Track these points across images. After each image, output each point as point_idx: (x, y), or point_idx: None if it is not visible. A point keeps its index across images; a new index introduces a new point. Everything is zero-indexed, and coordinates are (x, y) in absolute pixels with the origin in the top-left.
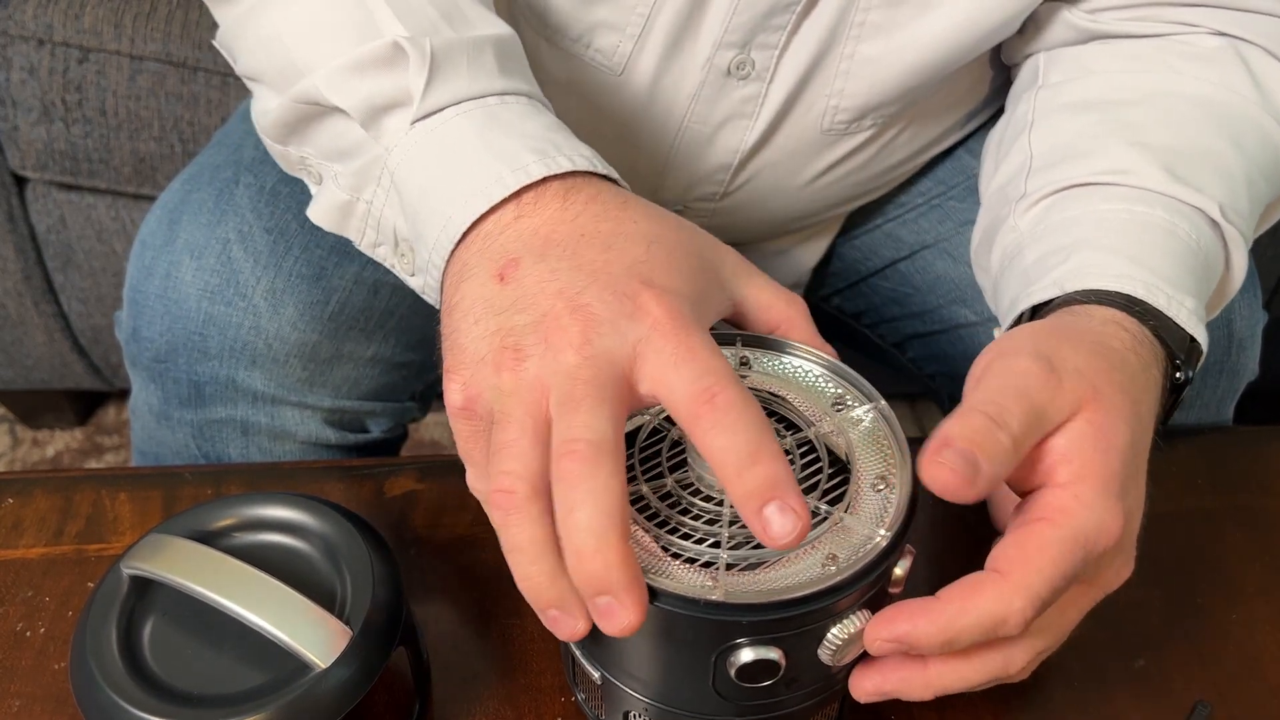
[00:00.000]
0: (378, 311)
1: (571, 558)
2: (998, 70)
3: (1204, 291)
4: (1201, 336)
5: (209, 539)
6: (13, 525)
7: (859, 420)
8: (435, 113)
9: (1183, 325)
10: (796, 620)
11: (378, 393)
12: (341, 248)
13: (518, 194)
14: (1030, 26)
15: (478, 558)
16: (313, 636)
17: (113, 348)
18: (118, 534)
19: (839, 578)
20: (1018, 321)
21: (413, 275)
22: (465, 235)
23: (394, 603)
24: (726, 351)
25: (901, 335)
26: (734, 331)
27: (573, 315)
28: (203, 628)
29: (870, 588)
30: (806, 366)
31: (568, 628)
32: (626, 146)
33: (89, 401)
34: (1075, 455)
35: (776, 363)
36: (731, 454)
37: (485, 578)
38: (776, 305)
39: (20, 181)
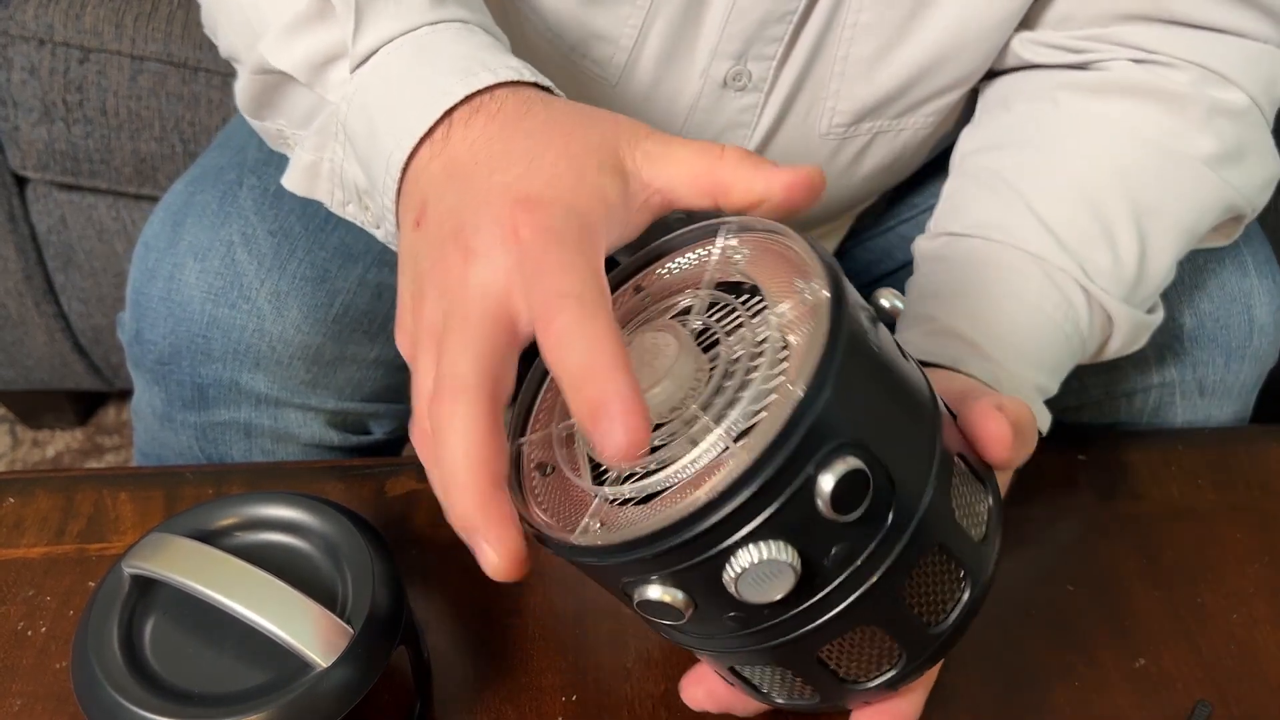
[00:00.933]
0: (381, 314)
1: (442, 500)
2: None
3: (1061, 363)
4: (1044, 423)
5: (210, 538)
6: (14, 524)
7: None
8: (369, 56)
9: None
10: (665, 557)
11: (381, 395)
12: (345, 250)
13: (447, 118)
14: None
15: None
16: (314, 636)
17: (113, 348)
18: (119, 533)
19: (690, 509)
20: None
21: (377, 227)
22: (404, 174)
23: (395, 602)
24: (709, 246)
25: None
26: (716, 220)
27: (458, 253)
28: (204, 627)
29: (756, 512)
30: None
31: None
32: None
33: (89, 402)
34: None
35: (747, 250)
36: (566, 375)
37: (486, 577)
38: (701, 173)
39: (21, 181)
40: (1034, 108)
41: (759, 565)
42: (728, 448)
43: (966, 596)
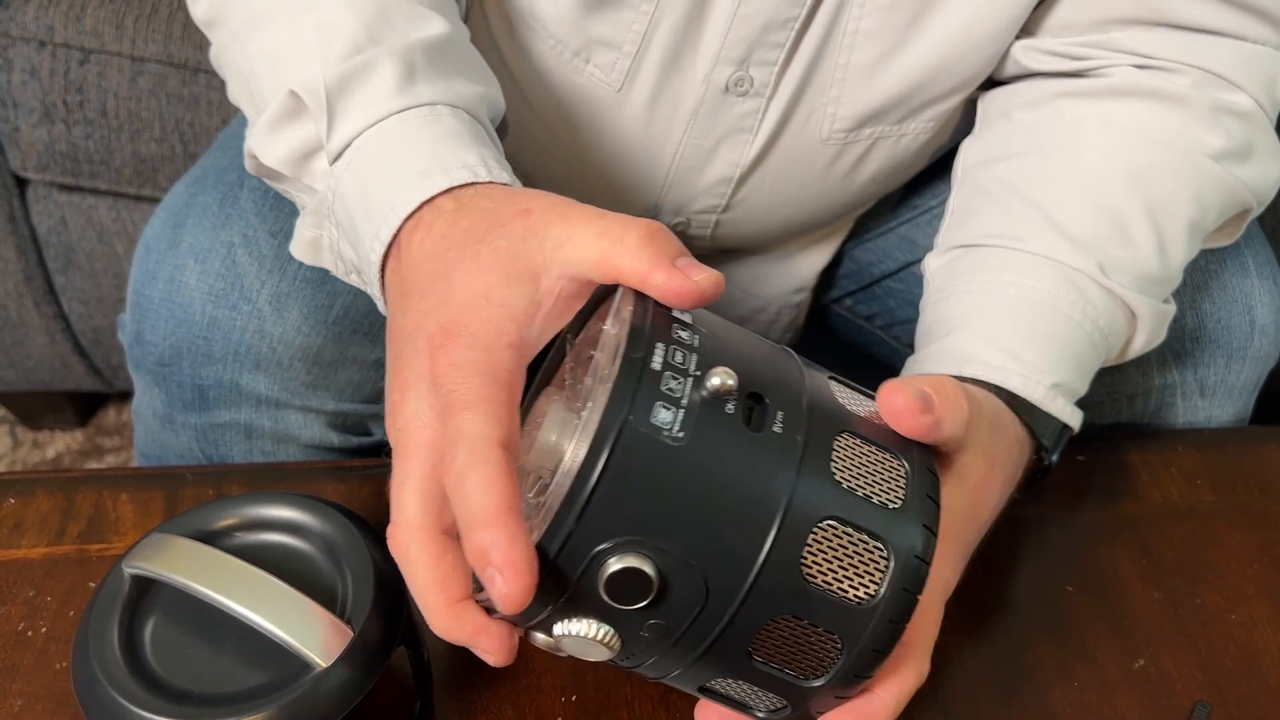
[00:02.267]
0: (381, 316)
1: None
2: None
3: (1084, 361)
4: (1075, 422)
5: (210, 539)
6: (14, 525)
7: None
8: (343, 151)
9: (1056, 415)
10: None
11: (381, 396)
12: None
13: (403, 226)
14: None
15: None
16: (314, 636)
17: (113, 349)
18: (119, 534)
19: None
20: None
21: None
22: (383, 271)
23: (395, 602)
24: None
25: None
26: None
27: (398, 382)
28: (204, 627)
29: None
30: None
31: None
32: (626, 162)
33: (89, 403)
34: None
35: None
36: (459, 517)
37: None
38: (602, 258)
39: (21, 183)
40: (1036, 116)
41: (572, 639)
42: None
43: (892, 566)
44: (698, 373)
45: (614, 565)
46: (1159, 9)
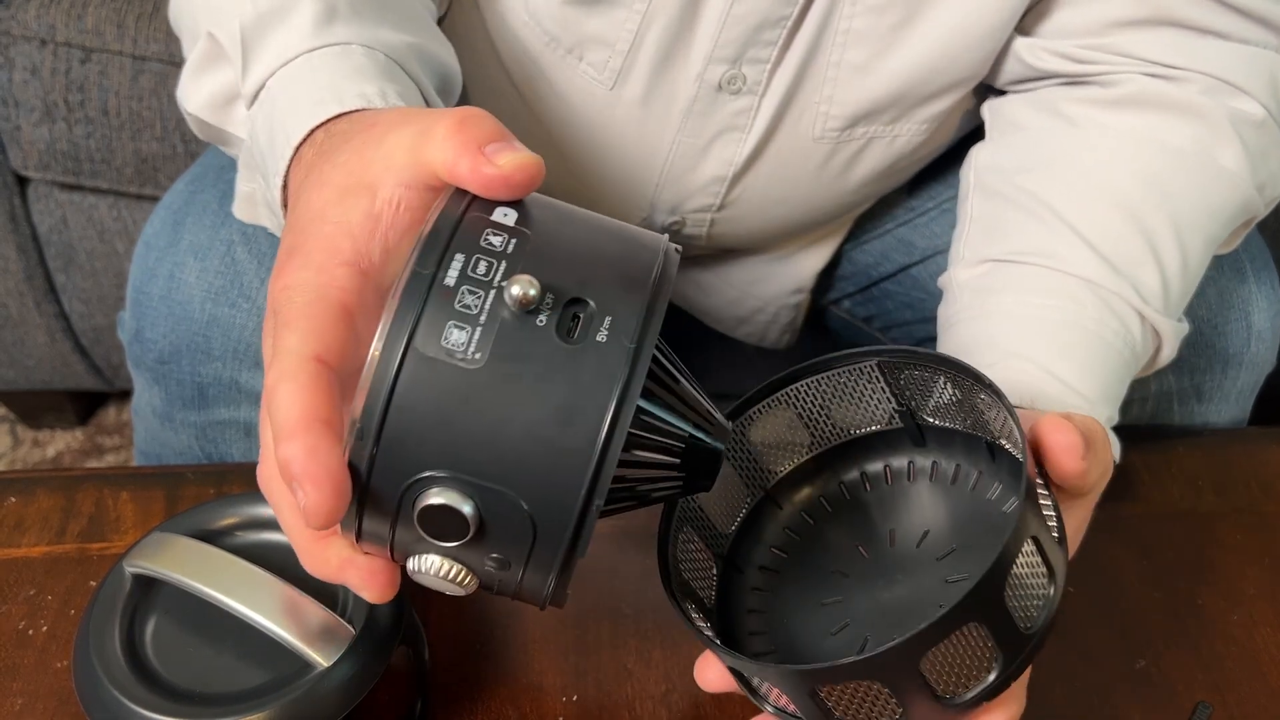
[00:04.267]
0: None
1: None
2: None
3: (1122, 390)
4: (1116, 452)
5: (211, 538)
6: (15, 524)
7: None
8: (257, 94)
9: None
10: None
11: None
12: None
13: (297, 154)
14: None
15: None
16: (315, 635)
17: (114, 348)
18: (120, 533)
19: None
20: None
21: None
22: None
23: (396, 602)
24: None
25: (914, 340)
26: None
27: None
28: (205, 626)
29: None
30: None
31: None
32: (620, 160)
33: (90, 402)
34: None
35: None
36: (272, 437)
37: None
38: (417, 159)
39: (22, 181)
40: (1051, 124)
41: (425, 576)
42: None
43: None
44: (503, 283)
45: (426, 501)
46: (1162, 8)
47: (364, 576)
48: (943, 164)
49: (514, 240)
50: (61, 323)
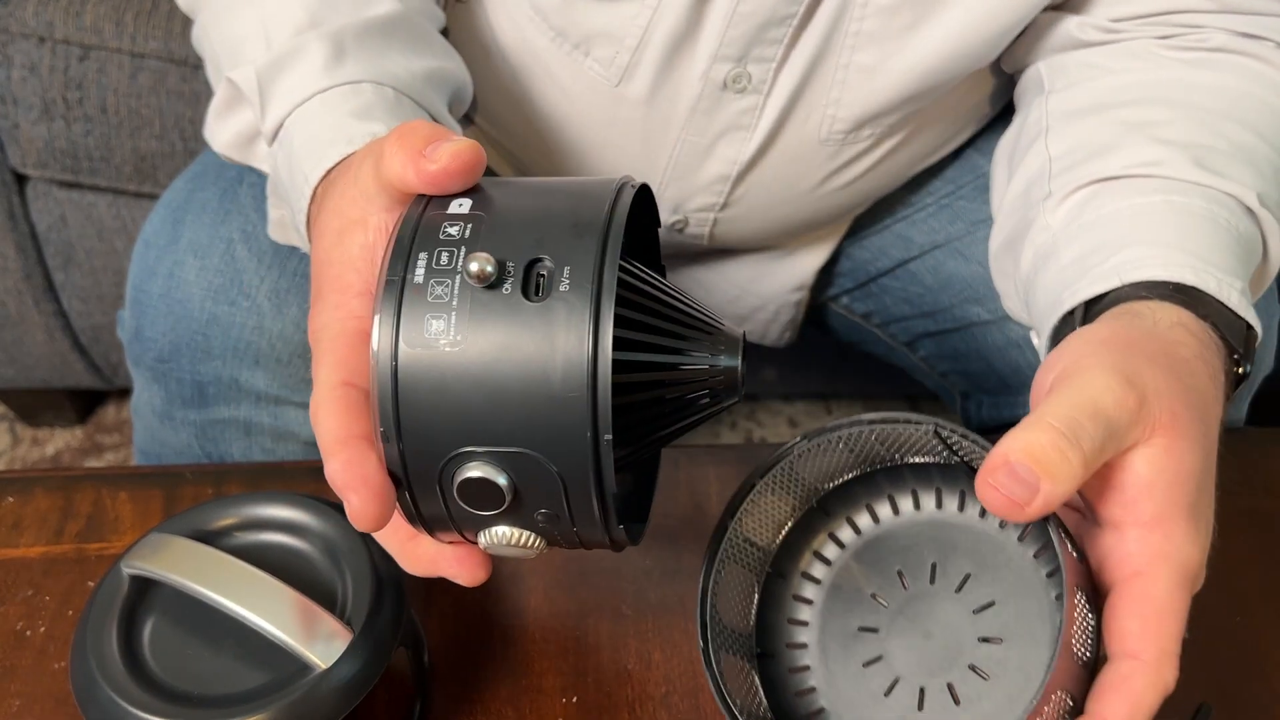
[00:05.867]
0: None
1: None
2: (998, 76)
3: (1247, 275)
4: (1255, 321)
5: (210, 539)
6: (13, 524)
7: None
8: (276, 132)
9: (1235, 309)
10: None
11: None
12: None
13: (315, 194)
14: (1032, 36)
15: None
16: (314, 637)
17: (113, 346)
18: (118, 533)
19: None
20: (1065, 319)
21: None
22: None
23: (395, 603)
24: None
25: (913, 334)
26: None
27: None
28: (203, 628)
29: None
30: None
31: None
32: (624, 158)
33: (89, 400)
34: (1158, 488)
35: None
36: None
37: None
38: (379, 177)
39: (21, 179)
40: (1141, 64)
41: (498, 547)
42: None
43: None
44: (463, 267)
45: (460, 478)
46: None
47: (454, 564)
48: (941, 161)
49: (469, 225)
50: (60, 321)
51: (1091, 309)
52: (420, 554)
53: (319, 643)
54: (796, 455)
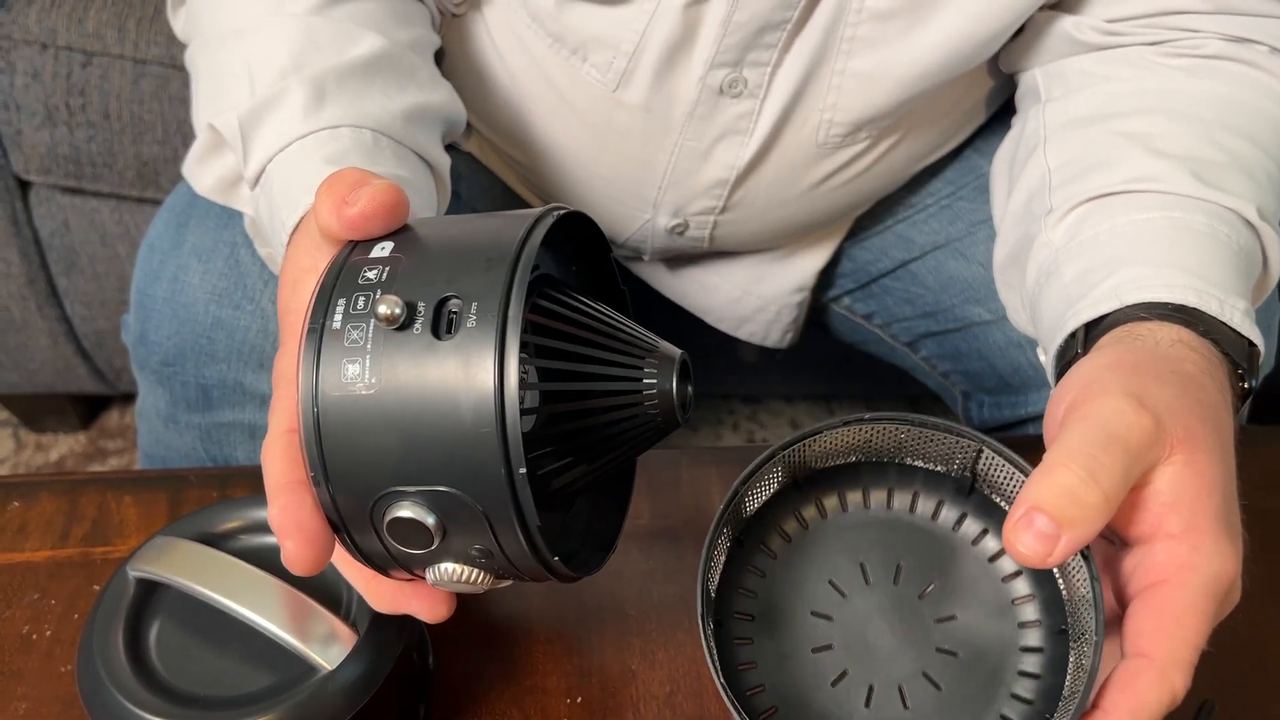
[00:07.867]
0: None
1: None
2: (995, 76)
3: (1249, 292)
4: (1258, 339)
5: (215, 541)
6: (19, 528)
7: None
8: (258, 177)
9: (1238, 329)
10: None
11: None
12: None
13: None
14: (1030, 36)
15: None
16: (319, 639)
17: (116, 351)
18: (123, 537)
19: None
20: (1069, 340)
21: None
22: None
23: None
24: None
25: (914, 335)
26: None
27: None
28: (209, 630)
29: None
30: None
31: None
32: (623, 162)
33: (92, 405)
34: (1183, 502)
35: None
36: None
37: None
38: (316, 225)
39: (24, 185)
40: (1138, 73)
41: (445, 583)
42: None
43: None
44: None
45: (389, 518)
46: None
47: (414, 600)
48: (941, 161)
49: (387, 268)
50: (64, 326)
51: (1093, 330)
52: (383, 591)
53: (324, 645)
54: (822, 437)
